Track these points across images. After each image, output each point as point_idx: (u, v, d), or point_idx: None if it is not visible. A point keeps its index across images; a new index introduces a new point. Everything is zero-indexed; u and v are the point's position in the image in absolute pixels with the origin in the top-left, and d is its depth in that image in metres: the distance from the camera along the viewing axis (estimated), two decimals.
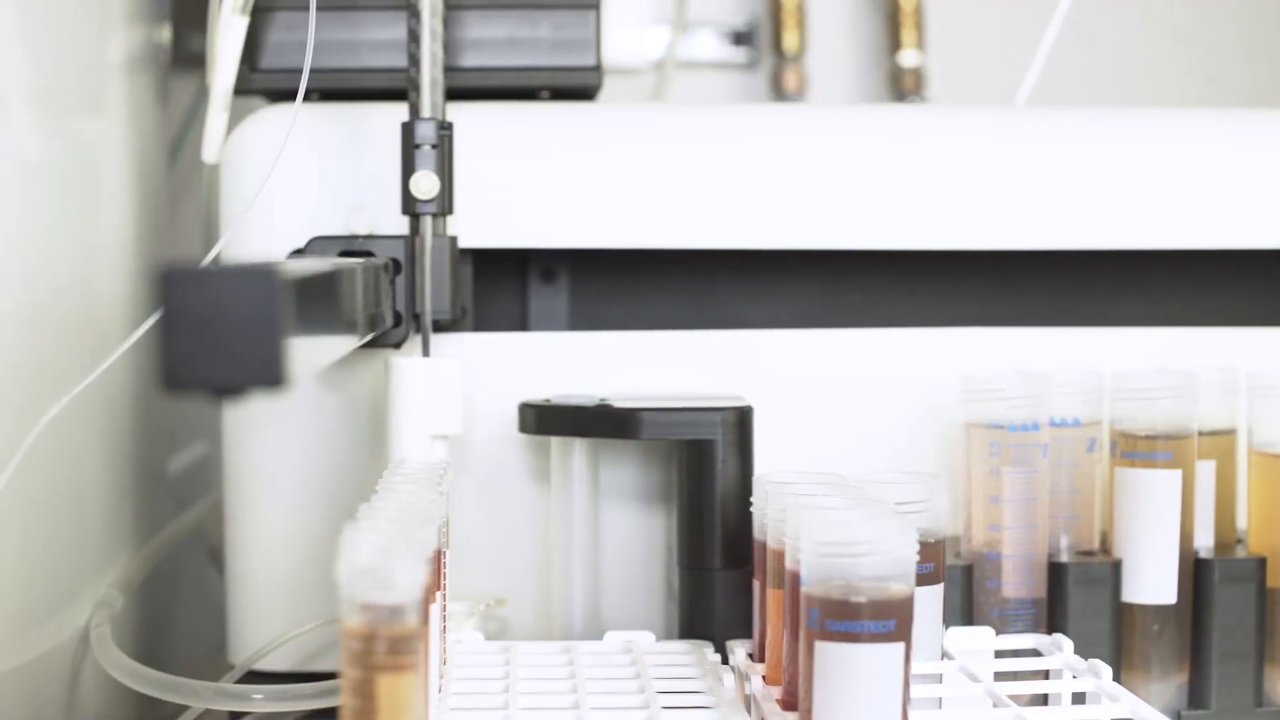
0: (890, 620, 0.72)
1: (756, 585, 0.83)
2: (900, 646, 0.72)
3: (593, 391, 0.93)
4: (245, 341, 0.52)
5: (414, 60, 0.89)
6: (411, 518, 0.68)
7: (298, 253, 0.92)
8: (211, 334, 0.52)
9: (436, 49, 0.89)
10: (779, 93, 1.35)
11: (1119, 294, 1.01)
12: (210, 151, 0.94)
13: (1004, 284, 1.00)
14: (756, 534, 0.83)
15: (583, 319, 1.00)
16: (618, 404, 0.87)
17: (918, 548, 0.72)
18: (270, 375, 0.52)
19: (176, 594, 1.16)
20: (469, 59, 0.96)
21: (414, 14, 0.89)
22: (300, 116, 0.93)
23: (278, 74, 0.97)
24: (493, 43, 0.97)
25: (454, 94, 0.92)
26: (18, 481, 0.81)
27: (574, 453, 0.90)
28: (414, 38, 0.89)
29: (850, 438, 0.96)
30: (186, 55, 1.22)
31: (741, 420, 0.87)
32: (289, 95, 0.98)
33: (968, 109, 0.99)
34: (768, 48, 1.37)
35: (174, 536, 1.07)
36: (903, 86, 1.34)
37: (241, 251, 0.93)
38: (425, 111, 0.89)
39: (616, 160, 0.95)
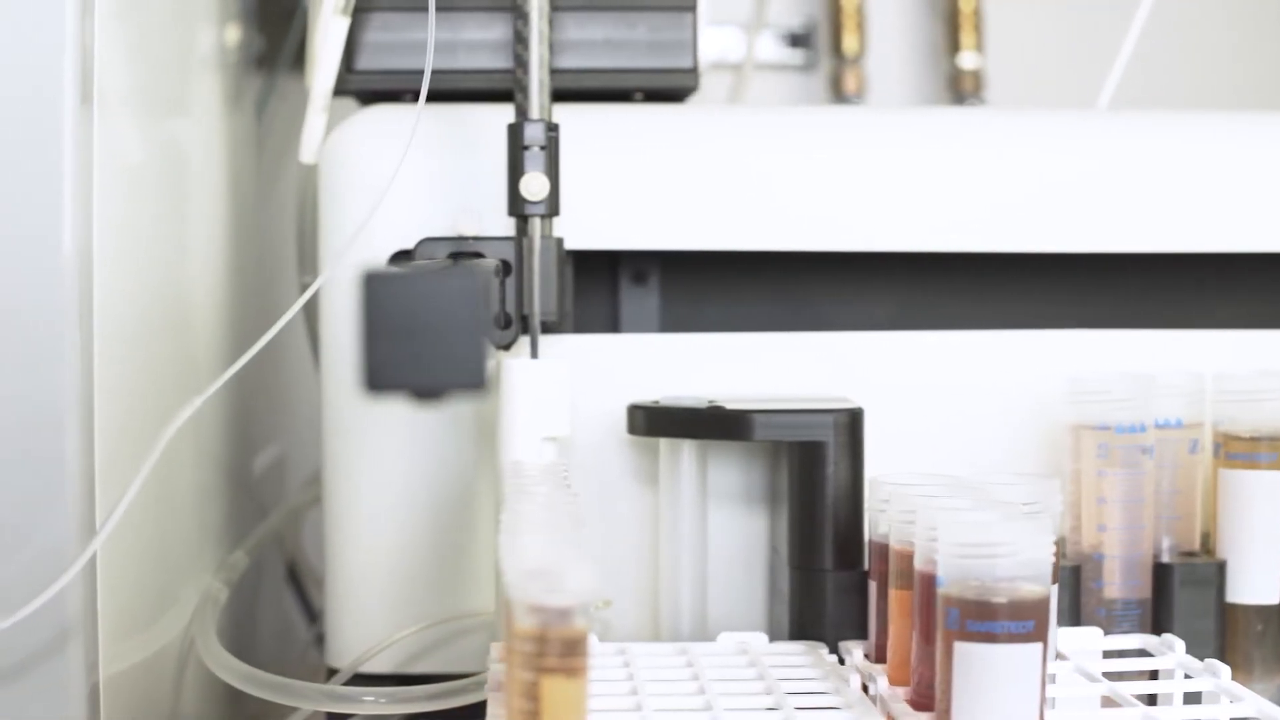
0: (1029, 621, 0.73)
1: (873, 586, 0.83)
2: (1039, 647, 0.72)
3: (686, 392, 0.93)
4: (450, 344, 0.52)
5: (520, 62, 0.89)
6: (563, 519, 0.68)
7: (404, 254, 0.91)
8: (414, 337, 0.52)
9: (544, 51, 0.89)
10: (838, 94, 1.35)
11: (1218, 296, 1.01)
12: (309, 152, 0.94)
13: (1104, 287, 1.00)
14: (873, 535, 0.83)
15: (673, 320, 1.00)
16: (730, 406, 0.87)
17: (1054, 549, 0.73)
18: (473, 378, 0.52)
19: (256, 599, 1.15)
20: (566, 60, 0.96)
21: (521, 16, 0.89)
22: (402, 117, 0.93)
23: (374, 75, 0.97)
24: (590, 44, 0.97)
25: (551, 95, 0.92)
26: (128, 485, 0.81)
27: (682, 454, 0.90)
28: (521, 40, 0.89)
29: (949, 439, 0.96)
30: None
31: (853, 422, 0.87)
32: (381, 96, 0.98)
33: (1064, 112, 1.00)
34: (826, 50, 1.37)
35: (262, 541, 1.07)
36: (962, 88, 1.34)
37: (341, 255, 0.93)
38: (534, 113, 0.89)
39: (709, 162, 0.95)
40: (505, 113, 0.92)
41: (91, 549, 0.75)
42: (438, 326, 0.52)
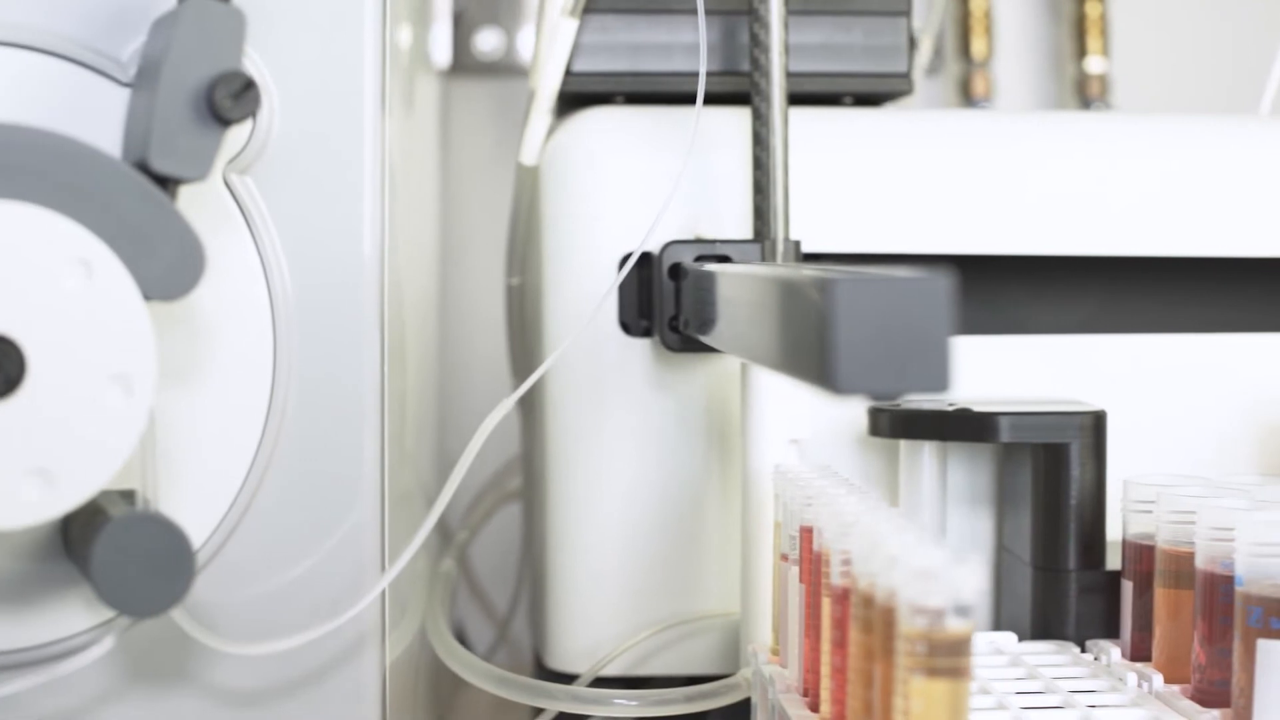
0: None
1: (1128, 586, 0.84)
2: None
3: None
4: (919, 347, 0.53)
5: (757, 65, 0.90)
6: (906, 521, 0.68)
7: (641, 256, 0.92)
8: (883, 341, 0.53)
9: (784, 57, 0.90)
10: (967, 98, 1.37)
11: None
12: (530, 154, 0.94)
13: None
14: (1127, 535, 0.84)
15: None
16: (976, 408, 0.88)
17: None
18: (942, 382, 0.53)
19: None
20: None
21: (758, 20, 0.90)
22: (628, 119, 0.94)
23: (591, 77, 0.97)
24: (807, 48, 0.97)
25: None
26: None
27: (923, 456, 0.90)
28: (758, 43, 0.90)
29: (1160, 441, 0.97)
30: None
31: (1097, 424, 0.88)
32: (590, 100, 0.98)
33: (1259, 118, 1.01)
34: (952, 53, 1.38)
35: (464, 543, 1.07)
36: (1088, 93, 1.36)
37: (566, 257, 0.93)
38: (775, 118, 0.89)
39: (926, 164, 0.96)
40: (732, 115, 0.92)
41: (394, 571, 0.75)
42: (908, 329, 0.52)
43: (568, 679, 0.93)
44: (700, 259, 0.89)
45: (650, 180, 0.93)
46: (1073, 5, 1.37)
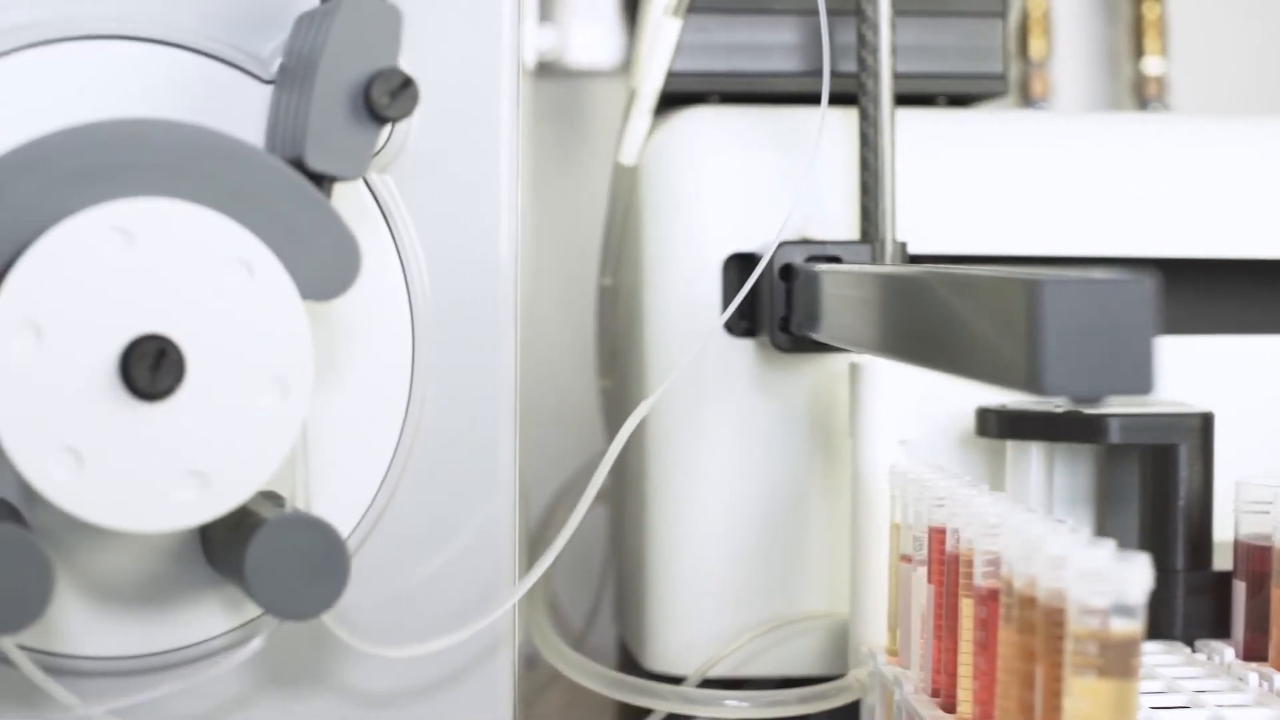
0: None
1: (1240, 586, 0.84)
2: None
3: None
4: (1122, 349, 0.53)
5: (865, 66, 0.90)
6: (1050, 520, 0.68)
7: (741, 258, 0.92)
8: (1088, 343, 0.53)
9: (890, 56, 0.90)
10: (1025, 98, 1.37)
11: None
12: (630, 153, 0.94)
13: None
14: (1240, 536, 0.85)
15: None
16: (1086, 409, 0.88)
17: None
18: (1145, 384, 0.53)
19: None
20: None
21: (865, 21, 0.90)
22: (726, 120, 0.94)
23: (688, 77, 0.97)
24: (904, 49, 0.97)
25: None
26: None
27: (1030, 457, 0.91)
28: (865, 44, 0.90)
29: (1249, 442, 0.97)
30: None
31: (1205, 425, 0.88)
32: (686, 99, 0.98)
33: None
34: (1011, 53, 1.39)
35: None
36: (1145, 94, 1.36)
37: (667, 258, 0.93)
38: (883, 120, 0.89)
39: (1027, 165, 0.96)
40: (834, 115, 0.93)
41: (531, 579, 0.75)
42: (1112, 331, 0.53)
43: (666, 680, 0.92)
44: (810, 260, 0.89)
45: (752, 180, 0.93)
46: (1130, 6, 1.37)
